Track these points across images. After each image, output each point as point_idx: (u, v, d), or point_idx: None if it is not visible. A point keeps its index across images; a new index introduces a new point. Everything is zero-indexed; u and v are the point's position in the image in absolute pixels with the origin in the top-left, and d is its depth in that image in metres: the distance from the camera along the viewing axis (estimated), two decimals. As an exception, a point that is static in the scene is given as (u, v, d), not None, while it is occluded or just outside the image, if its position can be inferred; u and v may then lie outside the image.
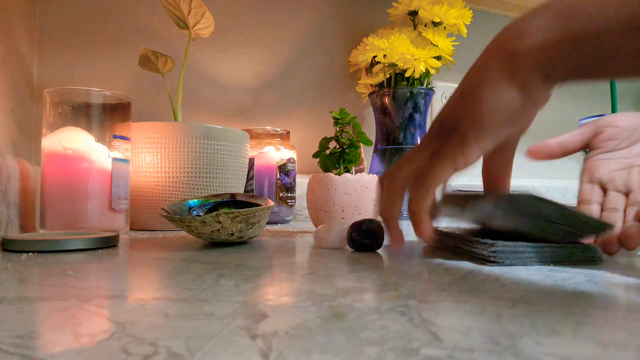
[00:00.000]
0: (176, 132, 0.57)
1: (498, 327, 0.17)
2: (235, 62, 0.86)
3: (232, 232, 0.41)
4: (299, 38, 0.92)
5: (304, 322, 0.18)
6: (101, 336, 0.16)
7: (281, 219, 0.74)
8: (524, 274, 0.28)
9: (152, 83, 0.80)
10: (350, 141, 0.56)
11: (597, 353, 0.15)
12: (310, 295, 0.22)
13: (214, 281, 0.25)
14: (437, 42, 0.81)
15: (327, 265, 0.32)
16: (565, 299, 0.22)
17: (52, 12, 0.74)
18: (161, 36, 0.81)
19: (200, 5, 0.60)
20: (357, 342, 0.15)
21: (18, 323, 0.17)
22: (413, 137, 0.83)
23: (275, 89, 0.90)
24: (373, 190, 0.54)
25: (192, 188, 0.58)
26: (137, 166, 0.58)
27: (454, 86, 1.23)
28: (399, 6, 0.87)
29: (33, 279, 0.26)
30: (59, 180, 0.47)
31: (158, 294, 0.23)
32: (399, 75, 0.83)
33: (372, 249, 0.39)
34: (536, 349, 0.15)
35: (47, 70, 0.73)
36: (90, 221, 0.47)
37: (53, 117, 0.48)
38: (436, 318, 0.18)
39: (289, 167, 0.74)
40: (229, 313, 0.19)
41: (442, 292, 0.23)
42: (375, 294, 0.23)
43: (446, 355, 0.14)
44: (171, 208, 0.44)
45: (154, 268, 0.30)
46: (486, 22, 1.13)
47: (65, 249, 0.37)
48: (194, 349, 0.15)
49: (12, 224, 0.45)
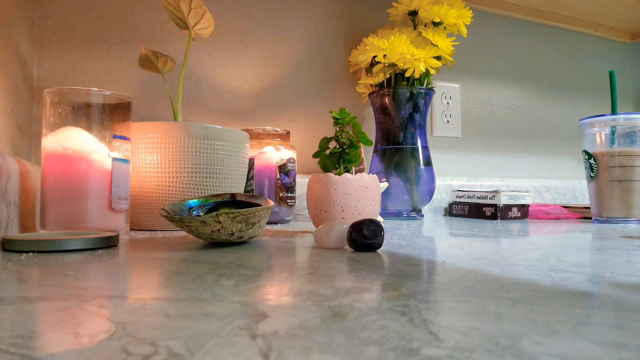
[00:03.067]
0: (176, 132, 0.57)
1: (498, 327, 0.17)
2: (235, 61, 0.86)
3: (232, 232, 0.41)
4: (299, 38, 0.92)
5: (304, 322, 0.18)
6: (101, 336, 0.16)
7: (281, 219, 0.74)
8: (524, 273, 0.28)
9: (152, 83, 0.80)
10: (350, 141, 0.56)
11: (597, 353, 0.15)
12: (310, 295, 0.22)
13: (214, 281, 0.25)
14: (437, 42, 0.81)
15: (327, 265, 0.32)
16: (565, 299, 0.22)
17: (52, 12, 0.74)
18: (161, 36, 0.81)
19: (200, 5, 0.60)
20: (357, 342, 0.15)
21: (18, 323, 0.17)
22: (413, 137, 0.83)
23: (275, 89, 0.90)
24: (373, 190, 0.54)
25: (192, 188, 0.58)
26: (137, 166, 0.58)
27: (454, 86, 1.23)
28: (399, 6, 0.87)
29: (33, 279, 0.26)
30: (59, 180, 0.47)
31: (158, 294, 0.23)
32: (399, 75, 0.83)
33: (372, 249, 0.39)
34: (536, 349, 0.15)
35: (47, 70, 0.73)
36: (90, 221, 0.47)
37: (53, 117, 0.47)
38: (436, 318, 0.18)
39: (289, 167, 0.74)
40: (229, 313, 0.19)
41: (442, 292, 0.23)
42: (375, 294, 0.23)
43: (446, 355, 0.14)
44: (171, 208, 0.44)
45: (154, 268, 0.30)
46: (486, 22, 1.13)
47: (65, 249, 0.37)
48: (194, 349, 0.15)
49: (12, 224, 0.45)
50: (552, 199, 1.14)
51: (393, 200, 0.82)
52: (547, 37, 1.21)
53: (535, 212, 0.89)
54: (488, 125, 1.13)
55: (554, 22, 1.19)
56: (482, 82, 1.12)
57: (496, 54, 1.14)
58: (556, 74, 1.22)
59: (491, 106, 1.13)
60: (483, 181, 1.08)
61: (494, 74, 1.14)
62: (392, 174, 0.82)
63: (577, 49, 1.25)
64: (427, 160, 0.84)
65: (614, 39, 1.30)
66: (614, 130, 0.75)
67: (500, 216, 0.84)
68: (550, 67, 1.21)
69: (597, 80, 1.27)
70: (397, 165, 0.82)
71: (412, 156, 0.82)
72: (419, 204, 0.83)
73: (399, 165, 0.82)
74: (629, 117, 0.74)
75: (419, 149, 0.83)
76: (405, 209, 0.83)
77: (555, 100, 1.22)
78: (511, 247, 0.43)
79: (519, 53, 1.17)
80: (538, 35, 1.20)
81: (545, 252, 0.39)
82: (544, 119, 1.20)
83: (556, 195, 1.15)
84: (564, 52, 1.23)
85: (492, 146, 1.13)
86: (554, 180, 1.17)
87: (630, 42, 1.32)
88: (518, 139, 1.16)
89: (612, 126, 0.75)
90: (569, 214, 0.89)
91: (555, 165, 1.21)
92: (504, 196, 0.84)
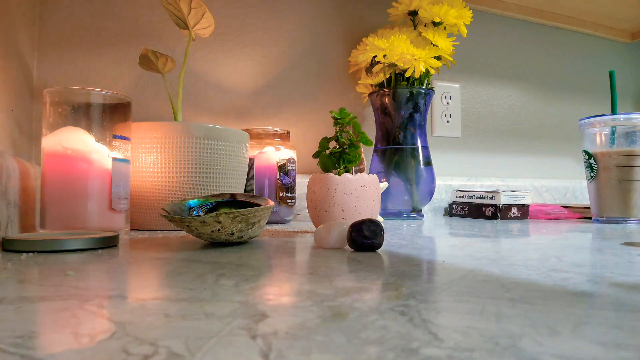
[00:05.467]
0: (176, 132, 0.57)
1: (498, 327, 0.17)
2: (235, 62, 0.86)
3: (232, 232, 0.41)
4: (299, 38, 0.92)
5: (304, 322, 0.18)
6: (101, 336, 0.16)
7: (281, 219, 0.74)
8: (524, 273, 0.28)
9: (152, 83, 0.80)
10: (350, 141, 0.56)
11: (597, 353, 0.15)
12: (310, 295, 0.22)
13: (214, 281, 0.25)
14: (437, 42, 0.81)
15: (327, 265, 0.32)
16: (565, 299, 0.22)
17: (52, 12, 0.74)
18: (161, 36, 0.81)
19: (200, 5, 0.60)
20: (357, 342, 0.15)
21: (18, 323, 0.17)
22: (413, 137, 0.83)
23: (275, 89, 0.90)
24: (373, 190, 0.54)
25: (192, 188, 0.58)
26: (137, 166, 0.58)
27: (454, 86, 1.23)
28: (399, 6, 0.87)
29: (33, 279, 0.26)
30: (59, 180, 0.47)
31: (158, 294, 0.23)
32: (399, 75, 0.83)
33: (372, 249, 0.39)
34: (536, 349, 0.15)
35: (47, 70, 0.73)
36: (90, 221, 0.47)
37: (53, 117, 0.47)
38: (436, 318, 0.18)
39: (289, 167, 0.74)
40: (229, 313, 0.19)
41: (442, 292, 0.23)
42: (375, 294, 0.23)
43: (446, 355, 0.14)
44: (171, 208, 0.44)
45: (154, 268, 0.30)
46: (486, 22, 1.13)
47: (65, 249, 0.37)
48: (194, 349, 0.15)
49: (12, 224, 0.45)
50: (552, 199, 1.14)
51: (393, 200, 0.82)
52: (547, 37, 1.21)
53: (535, 212, 0.89)
54: (488, 125, 1.13)
55: (554, 22, 1.19)
56: (482, 82, 1.12)
57: (496, 54, 1.14)
58: (556, 74, 1.22)
59: (491, 106, 1.13)
60: (483, 181, 1.08)
61: (494, 74, 1.14)
62: (392, 174, 0.82)
63: (577, 49, 1.25)
64: (427, 160, 0.84)
65: (614, 39, 1.30)
66: (614, 130, 0.75)
67: (500, 216, 0.84)
68: (550, 67, 1.21)
69: (597, 80, 1.27)
70: (397, 165, 0.82)
71: (412, 156, 0.82)
72: (419, 204, 0.83)
73: (399, 165, 0.82)
74: (629, 117, 0.74)
75: (419, 149, 0.83)
76: (405, 209, 0.83)
77: (555, 100, 1.22)
78: (511, 247, 0.43)
79: (519, 53, 1.17)
80: (538, 35, 1.20)
81: (545, 252, 0.39)
82: (544, 119, 1.20)
83: (556, 195, 1.15)
84: (564, 52, 1.23)
85: (492, 146, 1.13)
86: (554, 180, 1.17)
87: (630, 42, 1.32)
88: (518, 139, 1.16)
89: (612, 126, 0.75)
90: (569, 214, 0.89)
91: (555, 165, 1.21)
92: (504, 196, 0.84)
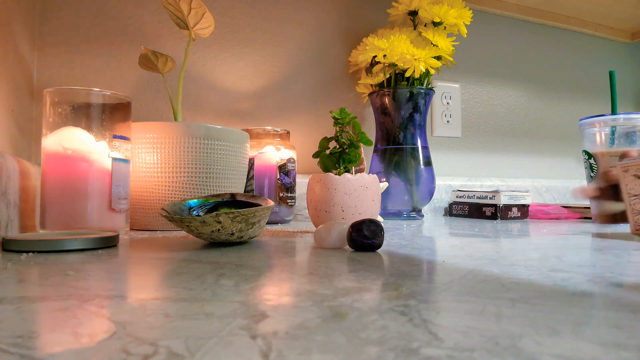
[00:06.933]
0: (176, 132, 0.57)
1: (498, 327, 0.17)
2: (235, 62, 0.86)
3: (232, 232, 0.41)
4: (299, 38, 0.92)
5: (304, 322, 0.18)
6: (101, 336, 0.16)
7: (281, 219, 0.73)
8: (524, 273, 0.28)
9: (152, 83, 0.80)
10: (350, 141, 0.56)
11: (597, 353, 0.15)
12: (310, 295, 0.22)
13: (214, 281, 0.25)
14: (437, 42, 0.81)
15: (327, 265, 0.32)
16: (565, 299, 0.22)
17: (52, 12, 0.74)
18: (161, 36, 0.81)
19: (200, 5, 0.60)
20: (357, 342, 0.15)
21: (18, 323, 0.17)
22: (413, 137, 0.83)
23: (275, 89, 0.90)
24: (373, 190, 0.54)
25: (192, 188, 0.58)
26: (137, 166, 0.58)
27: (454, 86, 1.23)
28: (398, 6, 0.87)
29: (33, 279, 0.26)
30: (59, 180, 0.47)
31: (158, 294, 0.23)
32: (399, 75, 0.83)
33: (372, 249, 0.39)
34: (536, 349, 0.15)
35: (47, 70, 0.73)
36: (90, 221, 0.47)
37: (53, 117, 0.47)
38: (436, 318, 0.18)
39: (289, 167, 0.74)
40: (229, 313, 0.19)
41: (442, 292, 0.23)
42: (375, 294, 0.23)
43: (446, 355, 0.14)
44: (171, 208, 0.44)
45: (154, 268, 0.30)
46: (486, 22, 1.13)
47: (65, 249, 0.37)
48: (194, 349, 0.15)
49: (12, 224, 0.45)
50: (552, 199, 1.14)
51: (393, 200, 0.82)
52: (547, 37, 1.21)
53: (535, 212, 0.89)
54: (488, 125, 1.13)
55: (554, 22, 1.19)
56: (482, 82, 1.12)
57: (496, 54, 1.14)
58: (556, 74, 1.22)
59: (491, 106, 1.13)
60: (483, 181, 1.08)
61: (494, 74, 1.14)
62: (392, 174, 0.82)
63: (577, 49, 1.25)
64: (427, 160, 0.84)
65: (614, 39, 1.30)
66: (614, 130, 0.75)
67: (500, 216, 0.84)
68: (550, 67, 1.21)
69: (597, 80, 1.27)
70: (397, 165, 0.82)
71: (412, 156, 0.82)
72: (419, 204, 0.83)
73: (399, 165, 0.82)
74: (629, 117, 0.74)
75: (419, 149, 0.83)
76: (405, 209, 0.83)
77: (555, 100, 1.22)
78: (511, 247, 0.43)
79: (519, 53, 1.17)
80: (538, 35, 1.20)
81: (545, 252, 0.39)
82: (544, 119, 1.20)
83: (556, 195, 1.15)
84: (564, 52, 1.23)
85: (492, 146, 1.13)
86: (554, 180, 1.17)
87: (630, 42, 1.32)
88: (518, 139, 1.16)
89: (612, 126, 0.75)
90: (569, 214, 0.89)
91: (555, 165, 1.21)
92: (504, 196, 0.84)
